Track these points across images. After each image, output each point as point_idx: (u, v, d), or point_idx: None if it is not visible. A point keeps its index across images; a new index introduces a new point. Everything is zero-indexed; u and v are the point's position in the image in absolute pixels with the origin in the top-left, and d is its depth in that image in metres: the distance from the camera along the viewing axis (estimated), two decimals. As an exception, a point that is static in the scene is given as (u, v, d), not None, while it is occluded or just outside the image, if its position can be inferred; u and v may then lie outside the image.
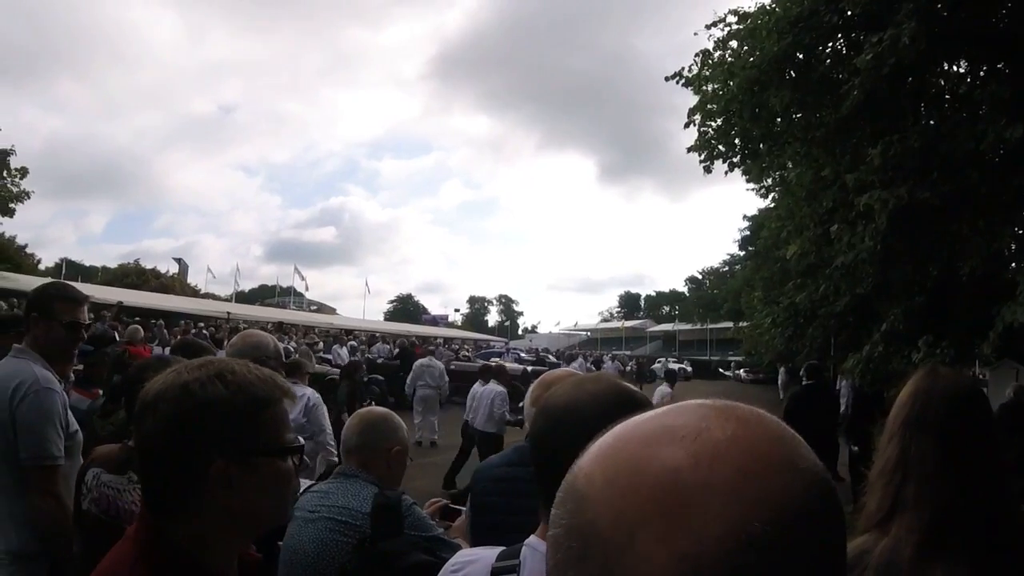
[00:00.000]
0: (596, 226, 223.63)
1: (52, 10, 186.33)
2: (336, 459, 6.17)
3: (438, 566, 2.15)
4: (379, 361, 21.98)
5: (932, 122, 10.24)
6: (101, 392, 4.86)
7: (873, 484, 1.61)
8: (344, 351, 21.58)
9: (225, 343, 6.30)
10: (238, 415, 1.18)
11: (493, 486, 2.33)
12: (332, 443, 6.01)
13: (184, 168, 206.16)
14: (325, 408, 6.19)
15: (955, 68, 10.99)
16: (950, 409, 1.59)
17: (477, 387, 10.18)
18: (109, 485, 2.36)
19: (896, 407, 1.65)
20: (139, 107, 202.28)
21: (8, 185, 24.59)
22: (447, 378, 14.74)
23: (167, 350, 7.11)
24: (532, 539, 1.33)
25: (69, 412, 2.72)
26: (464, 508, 2.87)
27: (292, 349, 16.82)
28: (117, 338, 11.32)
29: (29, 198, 25.20)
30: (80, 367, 5.28)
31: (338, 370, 17.39)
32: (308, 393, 6.07)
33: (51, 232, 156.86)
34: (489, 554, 1.35)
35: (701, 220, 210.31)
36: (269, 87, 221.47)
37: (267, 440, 1.22)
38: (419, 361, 14.81)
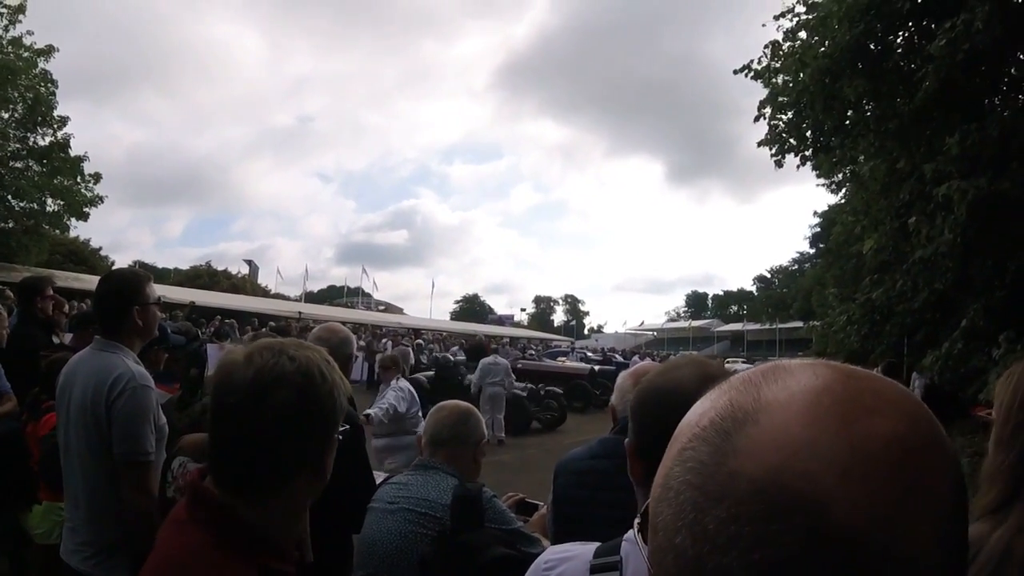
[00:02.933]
0: (664, 228, 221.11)
1: (140, 30, 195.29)
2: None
3: (519, 560, 2.12)
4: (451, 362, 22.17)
5: (1006, 113, 9.87)
6: (179, 386, 4.97)
7: (993, 475, 1.53)
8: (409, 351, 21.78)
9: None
10: (343, 398, 1.29)
11: (577, 479, 2.29)
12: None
13: (262, 176, 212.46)
14: None
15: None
16: None
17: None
18: None
19: (1016, 396, 1.57)
20: (221, 120, 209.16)
21: (82, 190, 25.36)
22: (513, 376, 14.73)
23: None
24: (631, 534, 1.27)
25: (160, 408, 2.74)
26: (540, 503, 2.87)
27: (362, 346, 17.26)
28: (200, 335, 11.62)
29: (103, 202, 25.81)
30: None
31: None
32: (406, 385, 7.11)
33: (130, 237, 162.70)
34: (585, 550, 1.28)
35: (770, 220, 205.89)
36: (346, 99, 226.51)
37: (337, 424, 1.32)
38: (485, 360, 14.90)
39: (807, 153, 13.23)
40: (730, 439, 0.47)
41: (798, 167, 13.45)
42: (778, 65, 13.07)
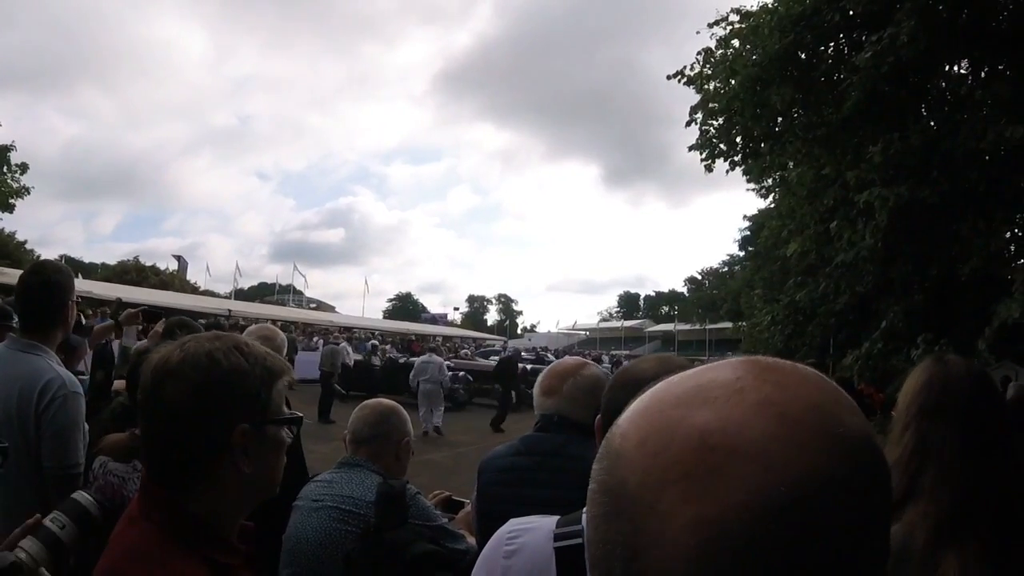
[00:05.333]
0: (598, 230, 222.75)
1: (82, 24, 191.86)
2: None
3: (443, 555, 2.18)
4: (402, 361, 21.72)
5: (932, 123, 10.30)
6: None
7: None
8: (348, 348, 21.25)
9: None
10: (257, 384, 1.23)
11: (500, 476, 2.30)
12: None
13: (199, 174, 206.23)
14: None
15: (956, 69, 11.06)
16: (968, 395, 1.59)
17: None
18: (114, 473, 2.31)
19: (909, 396, 1.65)
20: (161, 118, 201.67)
21: (8, 180, 24.36)
22: (447, 373, 15.45)
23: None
24: None
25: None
26: (467, 500, 2.88)
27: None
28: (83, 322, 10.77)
29: (29, 194, 24.70)
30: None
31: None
32: None
33: (59, 231, 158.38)
34: (547, 521, 1.33)
35: (701, 223, 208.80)
36: (288, 100, 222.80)
37: (275, 410, 1.27)
38: (419, 358, 15.70)
39: (736, 159, 13.53)
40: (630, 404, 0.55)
41: (727, 172, 13.76)
42: (710, 72, 13.34)
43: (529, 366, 22.72)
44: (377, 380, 19.25)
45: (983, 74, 10.38)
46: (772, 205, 21.60)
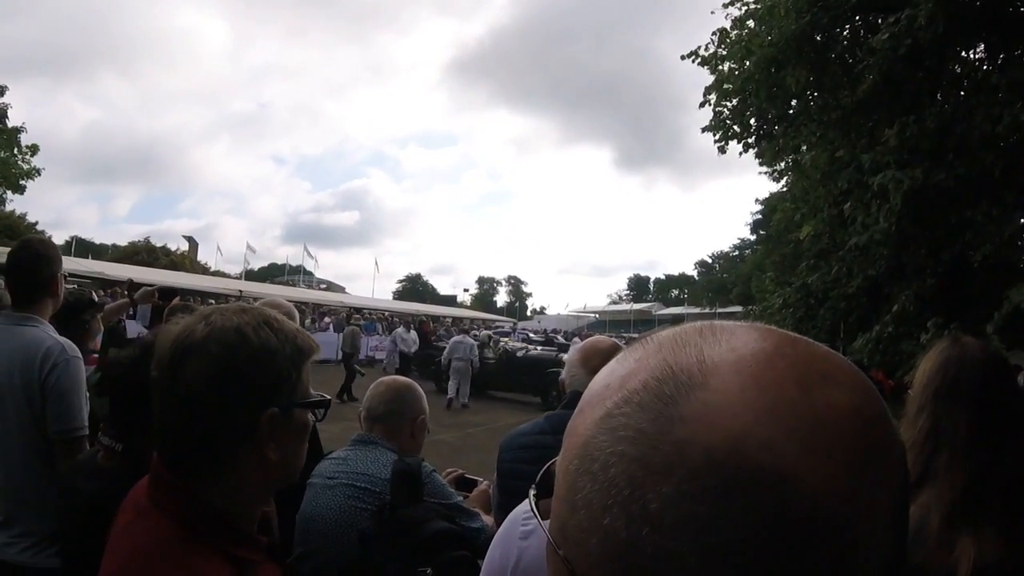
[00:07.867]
0: (610, 214, 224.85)
1: (106, 12, 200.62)
2: None
3: (458, 533, 2.17)
4: (520, 354, 20.86)
5: (948, 107, 10.24)
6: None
7: None
8: (412, 335, 20.25)
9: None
10: (287, 364, 1.13)
11: (522, 454, 2.32)
12: None
13: (216, 159, 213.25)
14: None
15: (973, 53, 10.96)
16: (984, 378, 1.59)
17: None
18: None
19: (924, 377, 1.64)
20: (180, 104, 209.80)
21: (19, 162, 24.20)
22: (477, 352, 16.25)
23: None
24: None
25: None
26: (480, 479, 2.89)
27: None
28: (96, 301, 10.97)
29: (39, 175, 24.73)
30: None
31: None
32: None
33: (75, 213, 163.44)
34: None
35: (713, 207, 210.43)
36: (306, 87, 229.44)
37: (303, 391, 1.17)
38: (454, 338, 16.85)
39: (749, 141, 13.49)
40: (675, 405, 0.41)
41: (740, 154, 13.75)
42: (724, 52, 13.26)
43: (538, 348, 22.77)
44: (491, 377, 17.18)
45: (999, 59, 10.29)
46: (785, 188, 21.51)
